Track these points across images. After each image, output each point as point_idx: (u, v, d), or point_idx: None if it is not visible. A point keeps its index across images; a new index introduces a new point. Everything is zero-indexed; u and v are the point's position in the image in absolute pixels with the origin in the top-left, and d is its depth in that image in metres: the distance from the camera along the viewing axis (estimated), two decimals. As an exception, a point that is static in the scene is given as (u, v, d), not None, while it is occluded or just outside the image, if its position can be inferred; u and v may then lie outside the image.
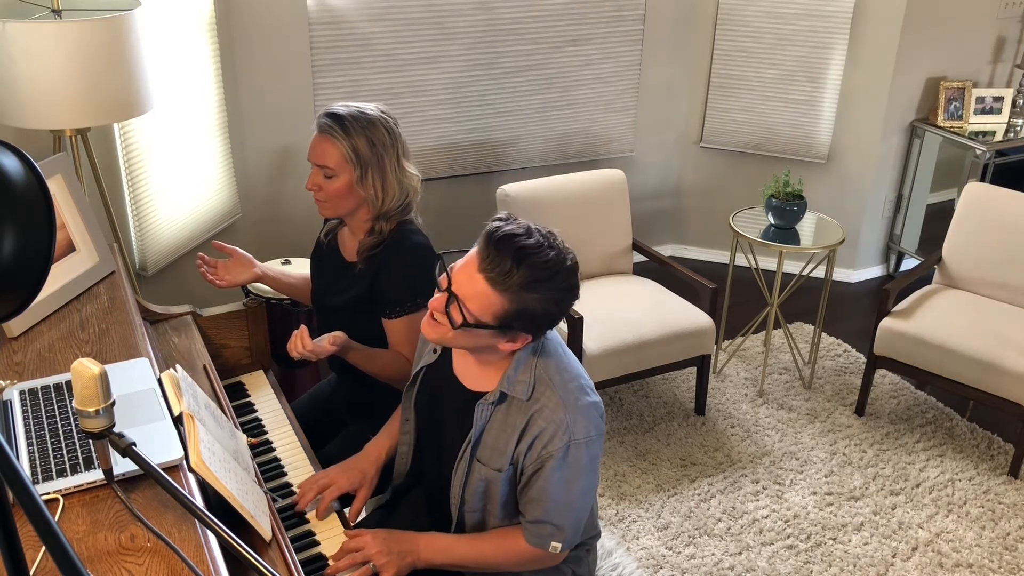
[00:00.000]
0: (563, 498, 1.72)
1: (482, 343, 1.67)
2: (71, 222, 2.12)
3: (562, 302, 1.64)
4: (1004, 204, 3.44)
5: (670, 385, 3.74)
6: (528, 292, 1.59)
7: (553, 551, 1.77)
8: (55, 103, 2.48)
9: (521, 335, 1.66)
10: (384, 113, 2.13)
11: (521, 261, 1.58)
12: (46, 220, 1.03)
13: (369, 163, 2.06)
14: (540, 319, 1.64)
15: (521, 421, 1.71)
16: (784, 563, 2.84)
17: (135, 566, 1.35)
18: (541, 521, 1.75)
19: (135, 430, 1.56)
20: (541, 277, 1.59)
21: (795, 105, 4.40)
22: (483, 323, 1.62)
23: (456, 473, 1.81)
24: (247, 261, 2.32)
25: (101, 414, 1.32)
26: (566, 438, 1.68)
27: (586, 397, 1.73)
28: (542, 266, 1.59)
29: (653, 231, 4.78)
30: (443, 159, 4.14)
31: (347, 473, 1.94)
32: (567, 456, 1.69)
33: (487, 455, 1.76)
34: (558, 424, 1.68)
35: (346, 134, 2.05)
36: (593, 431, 1.72)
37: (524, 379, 1.71)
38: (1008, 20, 4.47)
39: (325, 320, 2.31)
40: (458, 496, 1.83)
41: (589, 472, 1.73)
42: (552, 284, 1.61)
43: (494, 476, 1.76)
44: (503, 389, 1.72)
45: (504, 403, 1.73)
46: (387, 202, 2.11)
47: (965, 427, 3.51)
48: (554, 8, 4.09)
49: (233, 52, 3.58)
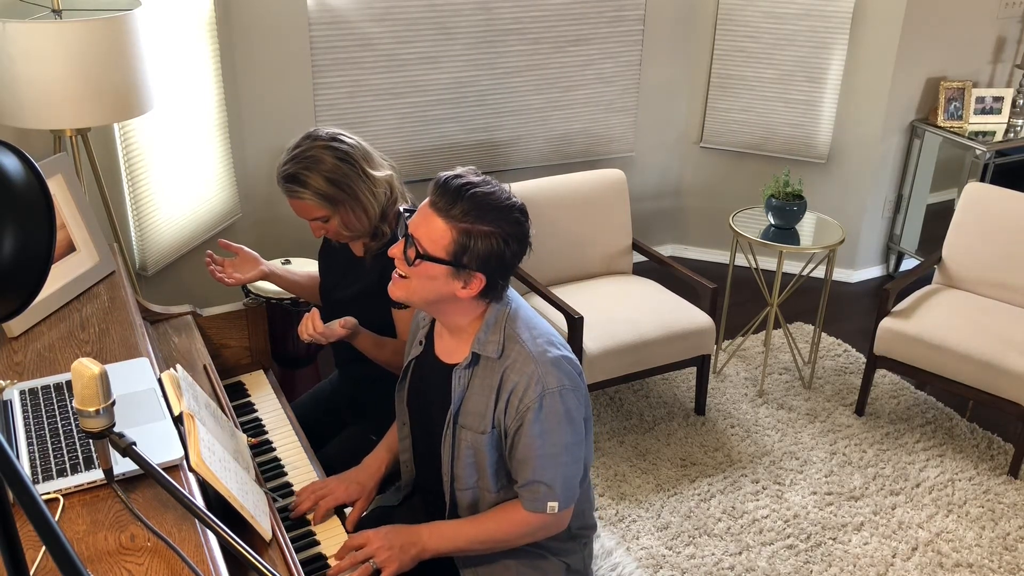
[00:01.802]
0: (547, 451, 1.74)
1: (440, 289, 1.71)
2: (71, 222, 2.12)
3: (510, 239, 1.70)
4: (1004, 204, 3.44)
5: (670, 385, 3.74)
6: (474, 222, 1.67)
7: (551, 512, 1.78)
8: (55, 103, 2.48)
9: (475, 275, 1.70)
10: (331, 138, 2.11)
11: (464, 192, 1.69)
12: (46, 220, 1.03)
13: (340, 200, 2.09)
14: (490, 256, 1.69)
15: (495, 380, 1.76)
16: (784, 563, 2.84)
17: (135, 566, 1.35)
18: (532, 482, 1.77)
19: (135, 430, 1.56)
20: (485, 207, 1.68)
21: (795, 105, 4.40)
22: (434, 256, 1.69)
23: (444, 447, 1.84)
24: (253, 259, 2.34)
25: (101, 414, 1.32)
26: (539, 388, 1.72)
27: (555, 350, 1.77)
28: (485, 197, 1.69)
29: (653, 231, 4.78)
30: (443, 159, 4.14)
31: (345, 485, 1.95)
32: (543, 407, 1.72)
33: (469, 420, 1.80)
34: (529, 376, 1.72)
35: (306, 187, 2.07)
36: (567, 382, 1.75)
37: (494, 339, 1.76)
38: (1008, 20, 4.47)
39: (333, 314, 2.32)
40: (448, 472, 1.85)
41: (569, 424, 1.76)
42: (496, 216, 1.68)
43: (479, 440, 1.79)
44: (475, 350, 1.77)
45: (478, 365, 1.78)
46: (372, 216, 2.14)
47: (965, 427, 3.51)
48: (554, 8, 4.09)
49: (233, 52, 3.58)
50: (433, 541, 1.81)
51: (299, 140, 2.13)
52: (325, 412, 2.47)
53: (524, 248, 1.75)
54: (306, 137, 2.13)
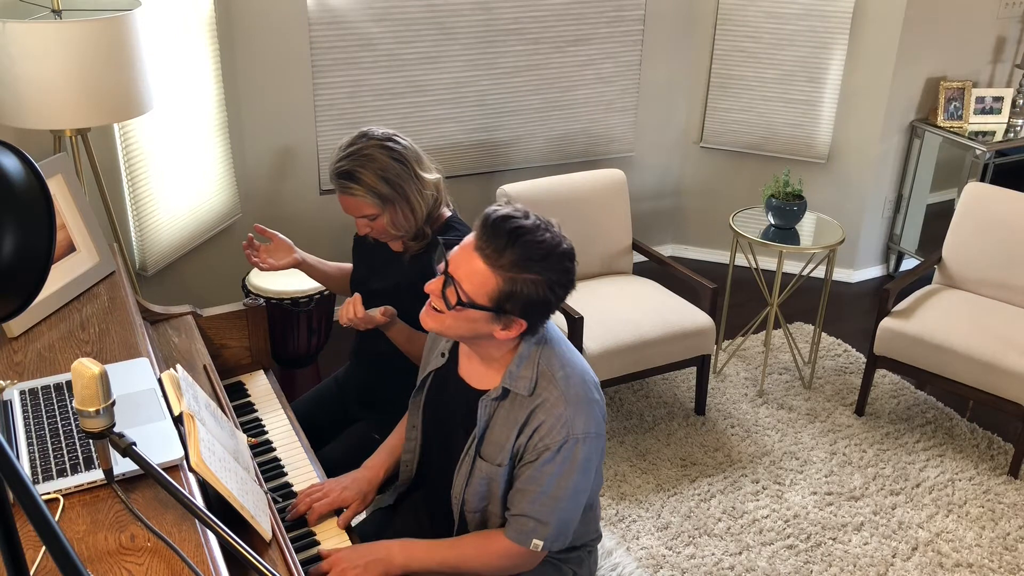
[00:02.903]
0: (551, 492, 1.71)
1: (478, 329, 1.67)
2: (71, 222, 2.12)
3: (556, 287, 1.65)
4: (1004, 204, 3.44)
5: (670, 385, 3.74)
6: (521, 272, 1.61)
7: (534, 549, 1.75)
8: (55, 103, 2.48)
9: (516, 321, 1.65)
10: (386, 138, 2.15)
11: (515, 239, 1.61)
12: (46, 220, 1.03)
13: (391, 199, 2.12)
14: (534, 303, 1.64)
15: (522, 416, 1.71)
16: (784, 563, 2.84)
17: (135, 566, 1.35)
18: (525, 515, 1.74)
19: (135, 430, 1.56)
20: (535, 256, 1.61)
21: (795, 105, 4.40)
22: (477, 303, 1.63)
23: (459, 471, 1.81)
24: (287, 246, 2.38)
25: (101, 414, 1.32)
26: (564, 432, 1.68)
27: (589, 394, 1.73)
28: (536, 245, 1.62)
29: (653, 231, 4.78)
30: (443, 159, 4.13)
31: (341, 488, 1.94)
32: (562, 450, 1.69)
33: (490, 451, 1.76)
34: (558, 418, 1.68)
35: (359, 183, 2.10)
36: (593, 429, 1.72)
37: (526, 375, 1.71)
38: (1008, 20, 4.47)
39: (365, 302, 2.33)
40: (459, 495, 1.83)
41: (583, 472, 1.73)
42: (546, 265, 1.62)
43: (495, 472, 1.76)
44: (505, 385, 1.72)
45: (506, 399, 1.74)
46: (420, 217, 2.17)
47: (965, 427, 3.51)
48: (554, 8, 4.09)
49: (233, 52, 3.58)
50: (402, 558, 1.77)
51: (354, 138, 2.16)
52: (327, 410, 2.48)
53: (569, 291, 1.69)
54: (361, 135, 2.16)
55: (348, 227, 2.88)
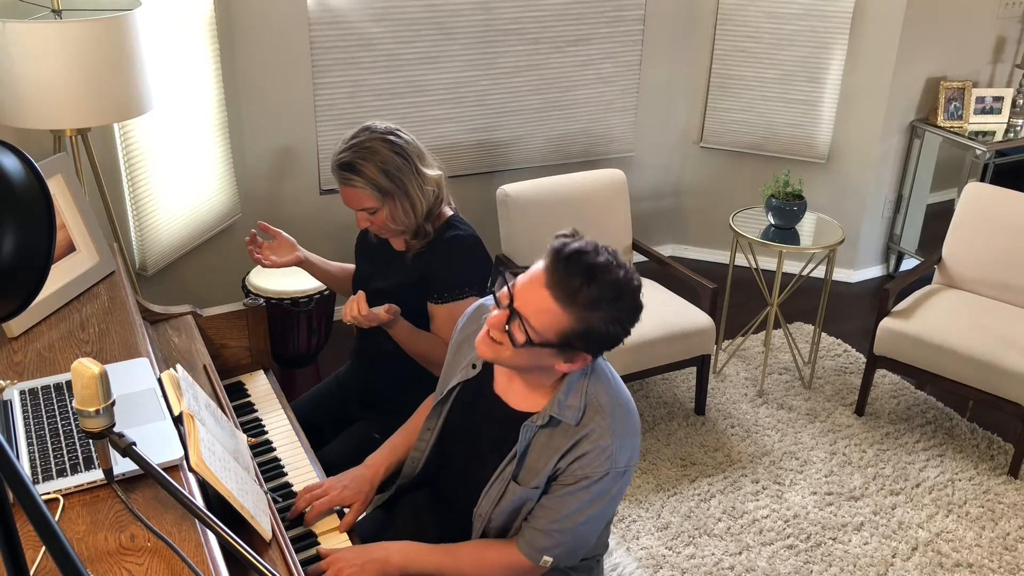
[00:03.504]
0: (576, 516, 1.71)
1: (540, 363, 1.64)
2: (71, 222, 2.12)
3: (626, 323, 1.61)
4: (1004, 204, 3.44)
5: (670, 385, 3.74)
6: (595, 311, 1.56)
7: (543, 564, 1.75)
8: (55, 103, 2.48)
9: (581, 355, 1.63)
10: (388, 132, 2.16)
11: (592, 279, 1.55)
12: (46, 220, 1.03)
13: (391, 192, 2.13)
14: (603, 339, 1.61)
15: (566, 444, 1.69)
16: (784, 563, 2.84)
17: (135, 566, 1.35)
18: (543, 531, 1.72)
19: (135, 430, 1.56)
20: (609, 296, 1.57)
21: (795, 105, 4.40)
22: (546, 341, 1.58)
23: (488, 492, 1.79)
24: (290, 244, 2.40)
25: (101, 414, 1.32)
26: (607, 465, 1.66)
27: (634, 427, 1.73)
28: (611, 285, 1.57)
29: (653, 231, 4.78)
30: (443, 159, 4.07)
31: (342, 487, 1.94)
32: (601, 481, 1.68)
33: (526, 476, 1.74)
34: (603, 450, 1.66)
35: (360, 175, 2.11)
36: (632, 462, 1.72)
37: (574, 403, 1.68)
38: (1008, 20, 4.47)
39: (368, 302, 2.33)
40: (486, 515, 1.80)
41: (612, 502, 1.74)
42: (620, 304, 1.59)
43: (530, 495, 1.73)
44: (553, 413, 1.68)
45: (550, 426, 1.71)
46: (419, 212, 2.17)
47: (965, 427, 3.51)
48: (554, 8, 4.09)
49: (233, 52, 3.58)
50: (400, 559, 1.76)
51: (357, 131, 2.17)
52: (327, 410, 2.47)
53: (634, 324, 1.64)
54: (364, 129, 2.17)
55: (348, 227, 2.88)
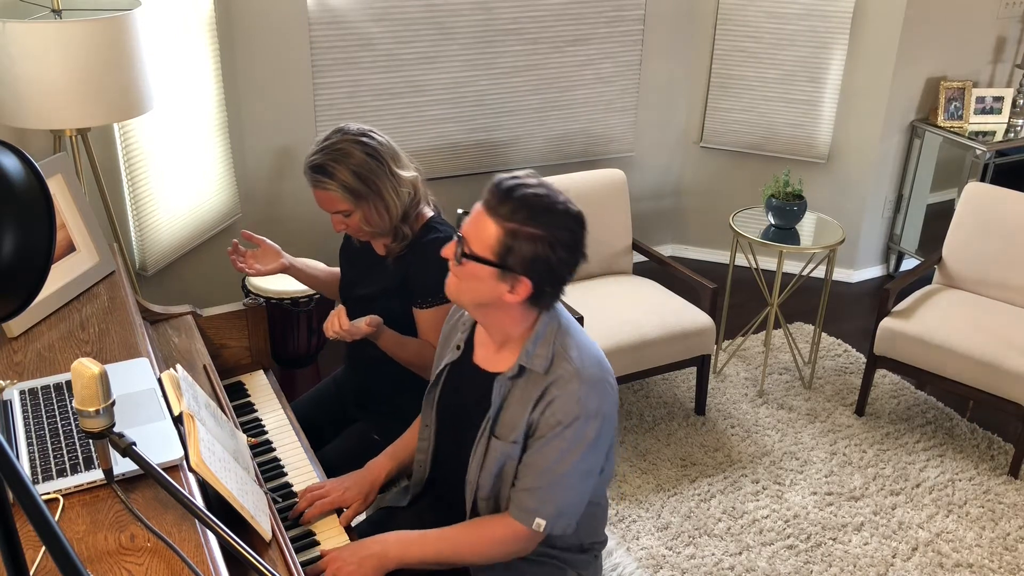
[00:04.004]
0: (557, 467, 1.72)
1: (488, 290, 1.69)
2: (71, 222, 2.12)
3: (558, 246, 1.66)
4: (1004, 204, 3.44)
5: (670, 385, 3.74)
6: (521, 224, 1.64)
7: (536, 528, 1.75)
8: (55, 103, 2.48)
9: (520, 280, 1.67)
10: (361, 133, 2.13)
11: (516, 191, 1.66)
12: (46, 220, 1.03)
13: (363, 194, 2.10)
14: (533, 260, 1.65)
15: (536, 392, 1.73)
16: (784, 563, 2.84)
17: (135, 566, 1.35)
18: (529, 489, 1.74)
19: (135, 430, 1.56)
20: (532, 207, 1.65)
21: (795, 105, 4.40)
22: (480, 256, 1.67)
23: (475, 454, 1.81)
24: (275, 252, 2.37)
25: (101, 414, 1.32)
26: (577, 409, 1.69)
27: (603, 376, 1.75)
28: (536, 198, 1.66)
29: (653, 231, 4.78)
30: (443, 159, 4.14)
31: (343, 488, 1.94)
32: (573, 425, 1.70)
33: (503, 431, 1.77)
34: (571, 394, 1.70)
35: (332, 178, 2.09)
36: (606, 407, 1.73)
37: (543, 353, 1.73)
38: (1008, 20, 4.47)
39: (353, 309, 2.33)
40: (474, 480, 1.82)
41: (591, 452, 1.73)
42: (544, 219, 1.65)
43: (509, 449, 1.76)
44: (522, 363, 1.74)
45: (522, 377, 1.75)
46: (394, 214, 2.15)
47: (965, 427, 3.51)
48: (554, 8, 4.09)
49: (233, 52, 3.58)
50: (397, 548, 1.76)
51: (330, 133, 2.15)
52: (325, 412, 2.47)
53: (575, 257, 1.70)
54: (337, 131, 2.15)
55: (348, 227, 2.87)
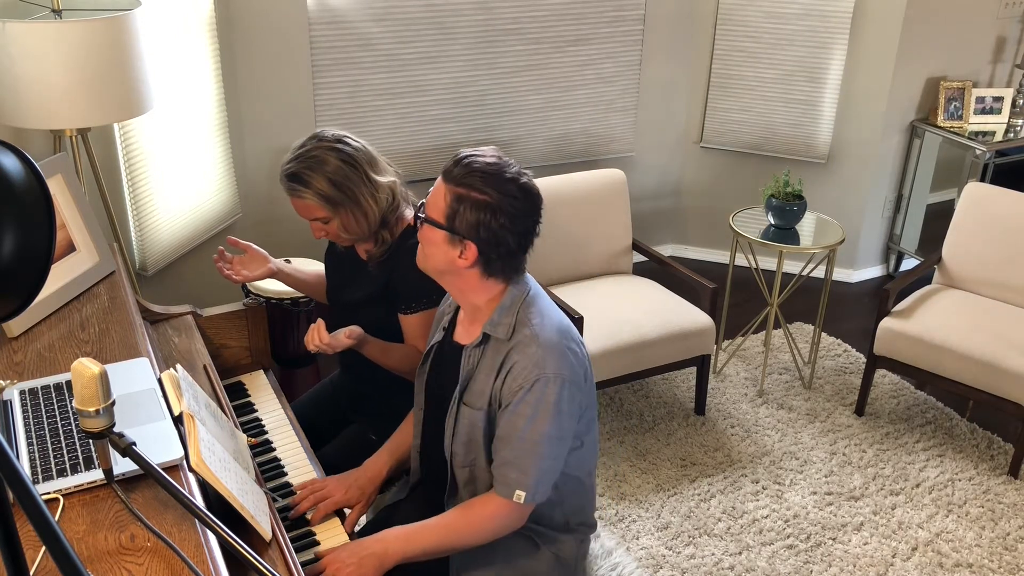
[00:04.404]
0: (527, 435, 1.73)
1: (443, 255, 1.74)
2: (71, 222, 2.12)
3: (501, 213, 1.70)
4: (1004, 204, 3.44)
5: (670, 385, 3.74)
6: (468, 189, 1.69)
7: (518, 500, 1.76)
8: (55, 103, 2.48)
9: (467, 245, 1.71)
10: (337, 140, 2.12)
11: (469, 159, 1.72)
12: (46, 220, 1.03)
13: (340, 202, 2.09)
14: (477, 225, 1.70)
15: (499, 359, 1.77)
16: (784, 563, 2.84)
17: (135, 566, 1.35)
18: (506, 463, 1.76)
19: (135, 430, 1.56)
20: (476, 172, 1.70)
21: (795, 105, 4.40)
22: (432, 219, 1.73)
23: (448, 422, 1.86)
24: (262, 257, 2.35)
25: (101, 414, 1.32)
26: (536, 372, 1.72)
27: (564, 342, 1.77)
28: (484, 166, 1.71)
29: (653, 231, 4.78)
30: (443, 159, 4.13)
31: (345, 487, 1.95)
32: (534, 388, 1.72)
33: (472, 398, 1.82)
34: (530, 357, 1.73)
35: (308, 186, 2.08)
36: (566, 373, 1.74)
37: (506, 321, 1.78)
38: (1008, 20, 4.47)
39: (340, 315, 2.32)
40: (449, 446, 1.87)
41: (558, 416, 1.74)
42: (489, 183, 1.69)
43: (476, 416, 1.80)
44: (486, 330, 1.79)
45: (488, 345, 1.80)
46: (372, 220, 2.13)
47: (965, 427, 3.51)
48: (554, 8, 4.09)
49: (233, 52, 3.58)
50: (396, 545, 1.77)
51: (305, 140, 2.13)
52: (325, 412, 2.47)
53: (519, 225, 1.72)
54: (312, 137, 2.13)
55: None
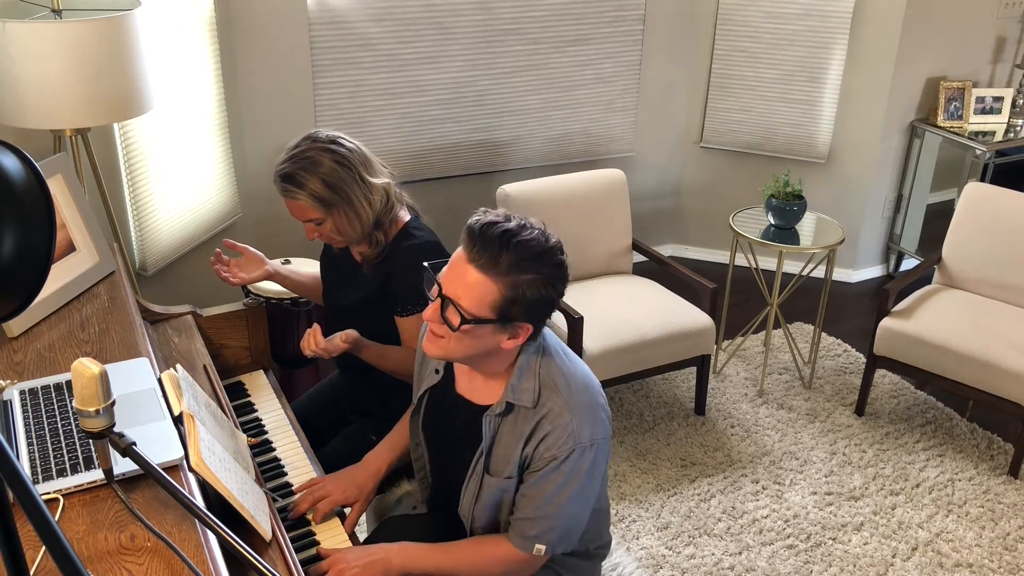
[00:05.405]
0: (556, 499, 1.70)
1: (485, 344, 1.64)
2: (71, 222, 2.12)
3: (555, 282, 1.63)
4: (1004, 204, 3.44)
5: (670, 385, 3.74)
6: (520, 273, 1.58)
7: (537, 554, 1.75)
8: (55, 103, 2.48)
9: (522, 326, 1.63)
10: (330, 141, 2.11)
11: (509, 242, 1.58)
12: (46, 220, 1.03)
13: (333, 203, 2.08)
14: (537, 304, 1.62)
15: (528, 428, 1.70)
16: (784, 563, 2.84)
17: (135, 566, 1.35)
18: (530, 519, 1.73)
19: (135, 430, 1.56)
20: (530, 255, 1.59)
21: (795, 105, 4.40)
22: (481, 318, 1.59)
23: (467, 489, 1.80)
24: (258, 259, 2.34)
25: (101, 414, 1.31)
26: (571, 442, 1.67)
27: (593, 399, 1.72)
28: (528, 244, 1.59)
29: (653, 231, 4.78)
30: (443, 159, 4.14)
31: (344, 486, 1.94)
32: (570, 459, 1.68)
33: (496, 466, 1.75)
34: (564, 427, 1.67)
35: (301, 187, 2.06)
36: (600, 434, 1.71)
37: (528, 386, 1.70)
38: (1008, 20, 4.47)
39: (336, 317, 2.31)
40: (468, 513, 1.81)
41: (589, 477, 1.72)
42: (542, 262, 1.60)
43: (506, 485, 1.74)
44: (508, 399, 1.70)
45: (511, 413, 1.72)
46: (366, 222, 2.12)
47: (965, 427, 3.51)
48: (554, 8, 4.09)
49: (233, 52, 3.58)
50: (400, 559, 1.76)
51: (299, 141, 2.12)
52: (325, 412, 2.47)
53: (566, 284, 1.67)
54: (306, 138, 2.12)
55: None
